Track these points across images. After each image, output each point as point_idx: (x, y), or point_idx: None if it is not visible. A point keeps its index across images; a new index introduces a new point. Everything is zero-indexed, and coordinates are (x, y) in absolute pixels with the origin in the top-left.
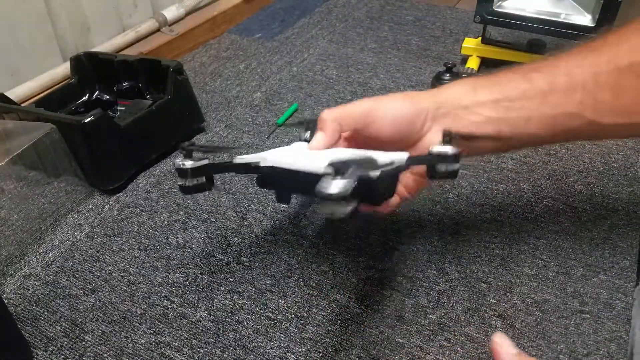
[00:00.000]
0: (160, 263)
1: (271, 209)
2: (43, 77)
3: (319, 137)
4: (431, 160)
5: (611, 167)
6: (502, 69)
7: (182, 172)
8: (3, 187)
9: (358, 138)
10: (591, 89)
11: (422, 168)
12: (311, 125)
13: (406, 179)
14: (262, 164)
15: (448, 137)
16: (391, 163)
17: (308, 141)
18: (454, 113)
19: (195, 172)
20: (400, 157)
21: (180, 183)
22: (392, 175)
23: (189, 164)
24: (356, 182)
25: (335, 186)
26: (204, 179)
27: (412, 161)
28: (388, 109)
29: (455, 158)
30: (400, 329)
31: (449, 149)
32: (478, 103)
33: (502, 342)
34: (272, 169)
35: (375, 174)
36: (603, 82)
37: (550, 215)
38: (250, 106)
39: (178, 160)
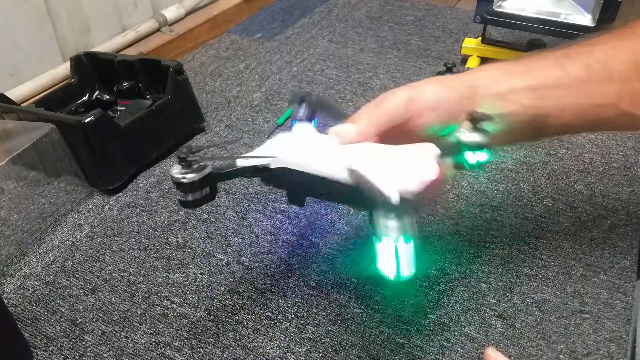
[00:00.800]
0: (160, 263)
1: (271, 209)
2: (43, 77)
3: (352, 134)
4: (460, 150)
5: (611, 167)
6: (531, 54)
7: (182, 187)
8: (3, 187)
9: (392, 132)
10: (629, 79)
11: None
12: (305, 100)
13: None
14: (272, 166)
15: (476, 121)
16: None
17: (306, 119)
18: (487, 101)
19: (197, 184)
20: (428, 151)
21: (180, 198)
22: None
23: (189, 177)
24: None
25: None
26: (207, 189)
27: (442, 154)
28: (425, 100)
29: (484, 147)
30: (400, 329)
31: (477, 137)
32: (512, 90)
33: (495, 356)
34: (285, 171)
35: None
36: None
37: (550, 215)
38: (250, 106)
39: (175, 172)
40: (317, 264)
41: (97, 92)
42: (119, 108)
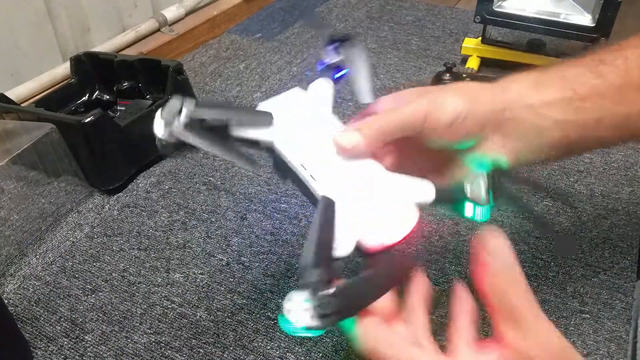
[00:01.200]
0: (160, 263)
1: (271, 209)
2: (43, 77)
3: (353, 143)
4: (459, 200)
5: (611, 167)
6: (564, 62)
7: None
8: (3, 187)
9: (400, 141)
10: None
11: None
12: (338, 42)
13: None
14: (262, 138)
15: (492, 180)
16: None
17: (336, 68)
18: (518, 116)
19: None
20: (421, 194)
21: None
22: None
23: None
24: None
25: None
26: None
27: (437, 198)
28: (445, 116)
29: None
30: None
31: (483, 195)
32: (544, 103)
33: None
34: (274, 152)
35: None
36: None
37: (550, 215)
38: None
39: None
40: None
41: (97, 92)
42: (119, 108)
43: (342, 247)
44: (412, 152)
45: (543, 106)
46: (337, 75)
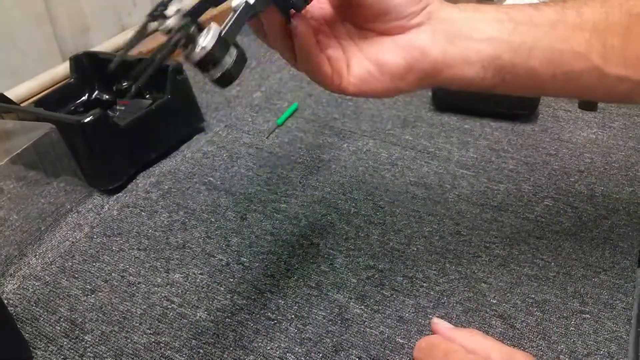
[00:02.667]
0: (160, 263)
1: (271, 209)
2: (43, 77)
3: None
4: None
5: (612, 167)
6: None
7: (206, 59)
8: (3, 187)
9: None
10: (601, 30)
11: None
12: None
13: None
14: None
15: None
16: None
17: None
18: (452, 19)
19: (218, 48)
20: None
21: (214, 76)
22: None
23: (203, 41)
24: None
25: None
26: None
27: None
28: None
29: None
30: (400, 329)
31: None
32: (481, 19)
33: (439, 321)
34: None
35: None
36: (614, 25)
37: (550, 215)
38: (250, 106)
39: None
40: (317, 264)
41: (96, 92)
42: (118, 108)
43: None
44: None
45: (479, 20)
46: None
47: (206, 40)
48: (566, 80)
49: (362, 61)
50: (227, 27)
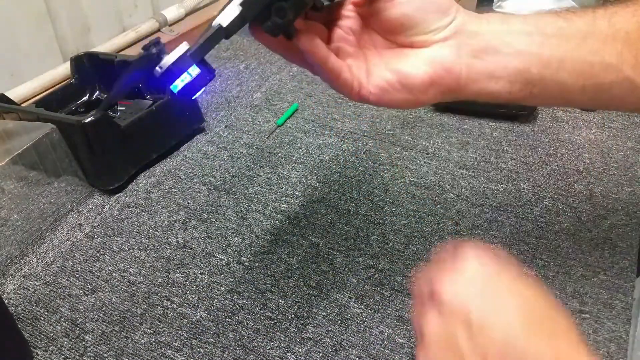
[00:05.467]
0: (160, 263)
1: (271, 209)
2: (43, 77)
3: None
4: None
5: (611, 167)
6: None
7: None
8: (3, 187)
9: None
10: (634, 40)
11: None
12: None
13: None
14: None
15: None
16: None
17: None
18: (481, 36)
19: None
20: None
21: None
22: None
23: (165, 61)
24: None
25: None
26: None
27: None
28: None
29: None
30: (400, 329)
31: None
32: (509, 32)
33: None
34: None
35: None
36: None
37: (549, 215)
38: (250, 106)
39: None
40: (317, 264)
41: (97, 92)
42: (119, 108)
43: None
44: (371, 14)
45: (506, 34)
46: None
47: (167, 59)
48: (596, 92)
49: (383, 72)
50: (194, 48)
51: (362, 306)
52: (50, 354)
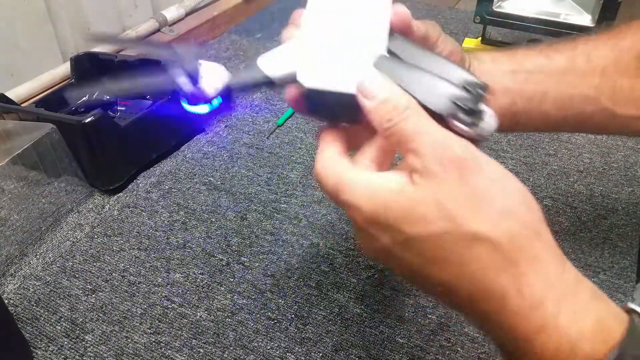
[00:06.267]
0: (160, 263)
1: (271, 209)
2: (43, 77)
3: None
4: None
5: (611, 167)
6: (517, 47)
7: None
8: (3, 187)
9: None
10: (610, 74)
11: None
12: None
13: None
14: (301, 80)
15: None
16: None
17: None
18: (473, 67)
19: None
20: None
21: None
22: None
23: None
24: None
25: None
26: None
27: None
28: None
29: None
30: (400, 329)
31: (474, 78)
32: (498, 70)
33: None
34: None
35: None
36: (623, 68)
37: (549, 215)
38: (251, 106)
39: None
40: (317, 264)
41: (97, 92)
42: (119, 108)
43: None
44: None
45: (494, 72)
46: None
47: (205, 82)
48: (578, 121)
49: None
50: (236, 86)
51: (362, 306)
52: (50, 354)
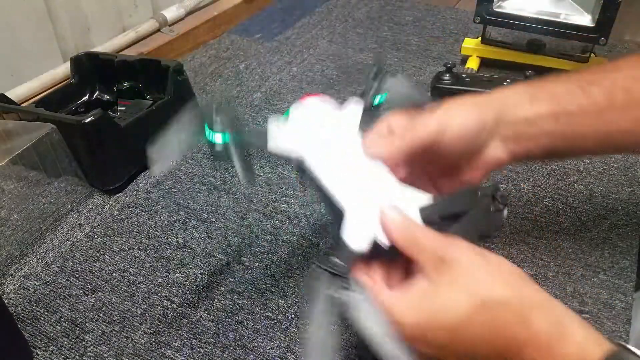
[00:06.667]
0: (160, 263)
1: (271, 209)
2: (43, 77)
3: (382, 155)
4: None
5: (611, 167)
6: (556, 76)
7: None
8: (3, 187)
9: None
10: None
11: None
12: (377, 75)
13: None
14: (294, 155)
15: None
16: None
17: (366, 100)
18: (515, 126)
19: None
20: (420, 198)
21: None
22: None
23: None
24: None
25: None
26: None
27: (430, 211)
28: (453, 130)
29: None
30: None
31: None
32: (537, 115)
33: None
34: (303, 165)
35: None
36: None
37: (549, 215)
38: (250, 106)
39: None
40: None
41: (97, 92)
42: (119, 108)
43: (360, 244)
44: (423, 161)
45: (536, 119)
46: (376, 102)
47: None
48: (621, 150)
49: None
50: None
51: None
52: (50, 354)
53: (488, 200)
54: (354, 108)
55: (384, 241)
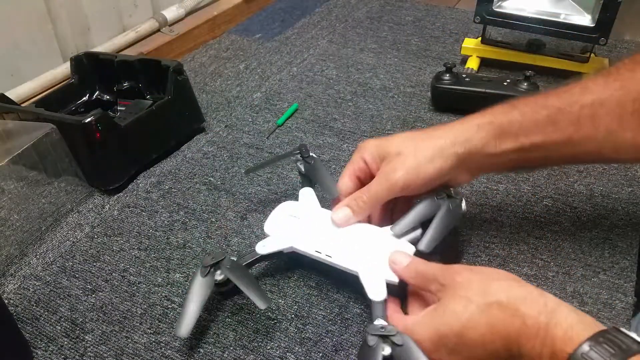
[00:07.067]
0: (160, 263)
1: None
2: (43, 77)
3: (347, 218)
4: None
5: (611, 167)
6: (526, 100)
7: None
8: (3, 187)
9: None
10: (613, 131)
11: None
12: (305, 157)
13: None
14: (286, 251)
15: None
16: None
17: (303, 174)
18: (481, 160)
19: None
20: (408, 249)
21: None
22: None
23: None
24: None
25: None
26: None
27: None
28: (420, 180)
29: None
30: None
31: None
32: (503, 152)
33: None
34: (299, 253)
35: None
36: (626, 123)
37: (550, 215)
38: (250, 106)
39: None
40: (317, 263)
41: (97, 92)
42: (119, 108)
43: (381, 294)
44: (393, 203)
45: (502, 154)
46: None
47: (217, 275)
48: (582, 163)
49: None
50: (244, 261)
51: (362, 306)
52: (50, 354)
53: (445, 199)
54: (306, 192)
55: (394, 280)
